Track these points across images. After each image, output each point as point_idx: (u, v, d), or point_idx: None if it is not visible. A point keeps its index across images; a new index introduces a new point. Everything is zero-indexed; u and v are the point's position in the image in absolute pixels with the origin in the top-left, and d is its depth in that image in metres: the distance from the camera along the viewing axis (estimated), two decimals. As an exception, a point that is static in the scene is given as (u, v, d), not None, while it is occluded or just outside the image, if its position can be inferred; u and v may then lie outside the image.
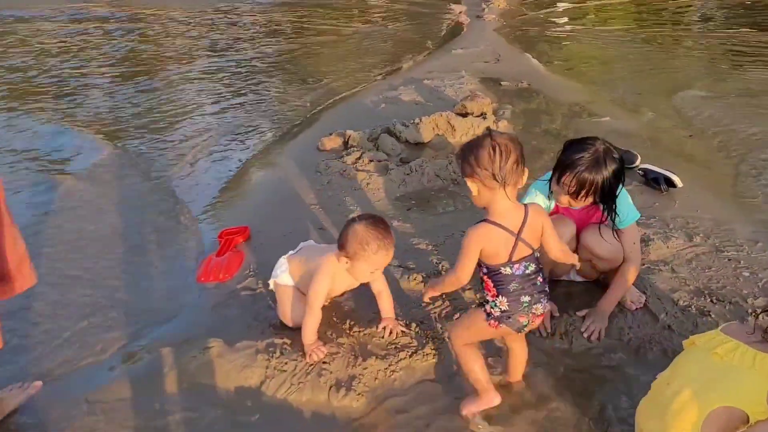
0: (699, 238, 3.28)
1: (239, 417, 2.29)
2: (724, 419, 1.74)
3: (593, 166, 2.39)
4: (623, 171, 2.48)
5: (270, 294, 2.96)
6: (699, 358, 1.90)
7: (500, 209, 2.03)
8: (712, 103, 5.49)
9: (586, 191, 2.46)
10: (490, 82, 6.20)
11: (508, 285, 2.06)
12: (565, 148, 2.53)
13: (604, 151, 2.41)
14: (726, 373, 1.79)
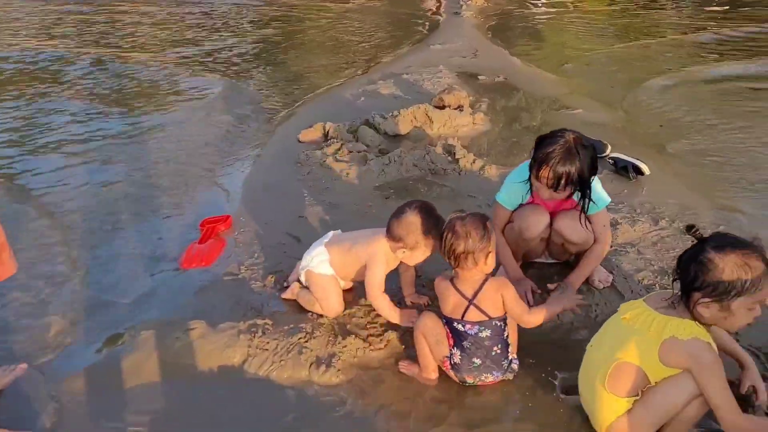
0: (664, 222, 3.42)
1: (222, 394, 2.38)
2: (624, 374, 1.96)
3: (566, 157, 2.49)
4: (596, 158, 2.59)
5: (252, 278, 3.06)
6: (614, 322, 2.11)
7: (460, 275, 2.31)
8: (682, 92, 5.66)
9: (565, 182, 2.55)
10: (467, 76, 6.31)
11: (462, 341, 2.30)
12: (537, 144, 2.63)
13: (574, 141, 2.51)
14: (628, 334, 1.99)
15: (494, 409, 2.29)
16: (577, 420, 2.21)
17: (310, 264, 2.73)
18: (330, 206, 3.76)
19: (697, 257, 1.91)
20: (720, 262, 1.85)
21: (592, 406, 2.10)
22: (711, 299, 1.87)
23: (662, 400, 1.98)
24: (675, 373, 1.93)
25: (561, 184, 2.51)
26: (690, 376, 1.92)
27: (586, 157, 2.51)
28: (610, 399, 2.01)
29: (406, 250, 2.54)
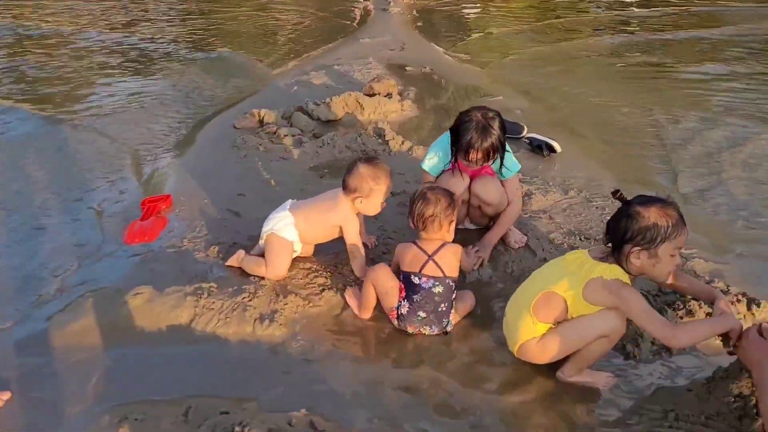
0: (573, 192, 3.80)
1: (171, 350, 2.55)
2: (550, 303, 2.29)
3: (483, 134, 2.82)
4: (503, 121, 2.92)
5: (195, 249, 3.22)
6: (554, 263, 2.43)
7: (423, 237, 2.70)
8: (592, 81, 6.15)
9: (493, 153, 2.89)
10: (395, 67, 6.60)
11: (413, 294, 2.58)
12: (453, 132, 2.95)
13: (483, 116, 2.84)
14: (563, 271, 2.31)
15: (426, 351, 2.57)
16: (499, 353, 2.52)
17: (274, 227, 2.93)
18: (267, 185, 3.95)
19: (627, 212, 2.21)
20: (646, 213, 2.17)
21: (513, 326, 2.41)
22: (641, 247, 2.17)
23: (573, 333, 2.30)
24: (590, 312, 2.26)
25: (490, 156, 2.85)
26: (601, 317, 2.24)
27: (496, 124, 2.83)
28: (530, 322, 2.32)
29: (362, 198, 2.84)
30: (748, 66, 6.61)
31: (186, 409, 2.19)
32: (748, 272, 3.07)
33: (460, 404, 2.31)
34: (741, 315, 2.65)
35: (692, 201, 3.81)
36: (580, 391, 2.38)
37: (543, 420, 2.25)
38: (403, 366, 2.50)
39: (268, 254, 2.93)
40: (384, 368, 2.49)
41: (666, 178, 4.11)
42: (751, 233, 3.48)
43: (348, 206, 2.90)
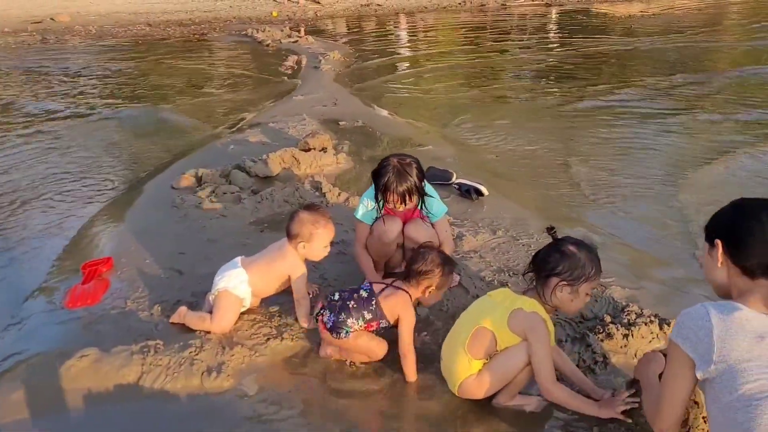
0: (501, 232, 4.07)
1: (120, 407, 2.59)
2: (481, 338, 2.47)
3: (400, 178, 3.04)
4: (421, 166, 3.16)
5: (139, 309, 3.27)
6: (480, 301, 2.65)
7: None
8: (513, 127, 6.57)
9: (409, 196, 3.11)
10: (329, 122, 6.86)
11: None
12: (374, 177, 3.18)
13: (399, 162, 3.08)
14: (490, 307, 2.52)
15: (370, 387, 2.70)
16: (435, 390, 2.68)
17: (228, 284, 3.03)
18: (208, 242, 4.04)
19: (560, 249, 2.45)
20: (578, 253, 2.42)
21: (450, 367, 2.57)
22: (566, 282, 2.40)
23: (504, 365, 2.48)
24: (517, 342, 2.46)
25: (407, 198, 3.06)
26: (524, 347, 2.46)
27: (413, 170, 3.07)
28: (466, 360, 2.49)
29: (305, 243, 3.00)
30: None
31: (137, 463, 2.24)
32: (659, 296, 3.37)
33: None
34: (654, 334, 2.92)
35: (607, 233, 4.14)
36: (514, 414, 2.55)
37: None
38: (349, 405, 2.62)
39: (217, 310, 3.02)
40: (331, 409, 2.59)
41: (581, 214, 4.45)
42: (662, 261, 3.82)
43: (294, 254, 3.05)
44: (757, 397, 1.72)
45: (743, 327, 1.80)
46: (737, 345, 1.78)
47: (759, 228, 1.89)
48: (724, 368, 1.78)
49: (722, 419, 1.81)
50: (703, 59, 10.57)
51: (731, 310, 1.85)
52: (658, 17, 14.93)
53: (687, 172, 5.23)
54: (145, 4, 17.43)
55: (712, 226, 2.05)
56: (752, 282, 1.90)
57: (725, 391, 1.79)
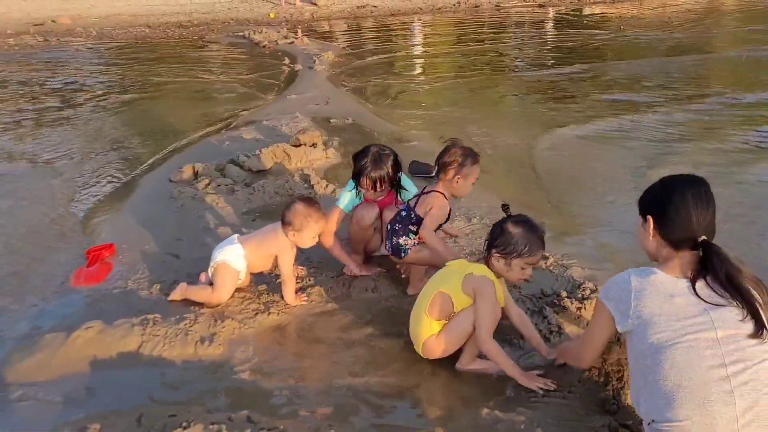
0: (476, 219, 4.38)
1: (122, 372, 2.89)
2: (440, 302, 2.79)
3: (375, 165, 3.36)
4: (398, 159, 3.47)
5: (139, 288, 3.58)
6: (441, 271, 2.96)
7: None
8: (495, 126, 6.88)
9: (380, 183, 3.42)
10: (321, 120, 7.15)
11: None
12: (353, 160, 3.49)
13: (378, 151, 3.39)
14: (446, 274, 2.85)
15: (345, 354, 3.01)
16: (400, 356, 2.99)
17: (226, 257, 3.34)
18: (203, 230, 4.35)
19: (501, 225, 2.78)
20: (512, 230, 2.73)
21: (414, 330, 2.89)
22: (500, 255, 2.74)
23: (459, 324, 2.80)
24: (470, 304, 2.77)
25: (377, 185, 3.36)
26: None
27: (389, 160, 3.37)
28: (428, 322, 2.81)
29: (295, 232, 3.28)
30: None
31: (138, 416, 2.53)
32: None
33: (380, 395, 2.74)
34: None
35: (575, 217, 4.46)
36: (475, 377, 2.85)
37: (447, 400, 2.72)
38: (328, 366, 2.94)
39: (216, 281, 3.34)
40: (310, 370, 2.91)
41: (551, 201, 4.77)
42: (622, 246, 4.13)
43: (284, 237, 3.35)
44: (663, 345, 2.03)
45: (657, 288, 2.12)
46: (650, 302, 2.10)
47: (683, 206, 2.18)
48: (638, 322, 2.10)
49: (636, 365, 2.13)
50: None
51: (648, 274, 2.16)
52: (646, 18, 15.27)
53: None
54: (144, 7, 17.74)
55: (644, 201, 2.35)
56: (675, 252, 2.20)
57: (638, 341, 2.10)
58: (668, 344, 2.02)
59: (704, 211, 2.17)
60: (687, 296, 2.07)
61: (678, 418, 1.94)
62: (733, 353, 1.96)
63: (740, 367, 1.94)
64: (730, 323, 2.01)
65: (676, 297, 2.08)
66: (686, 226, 2.17)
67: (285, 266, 3.39)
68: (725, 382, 1.92)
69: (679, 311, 2.05)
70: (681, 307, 2.05)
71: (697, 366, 1.96)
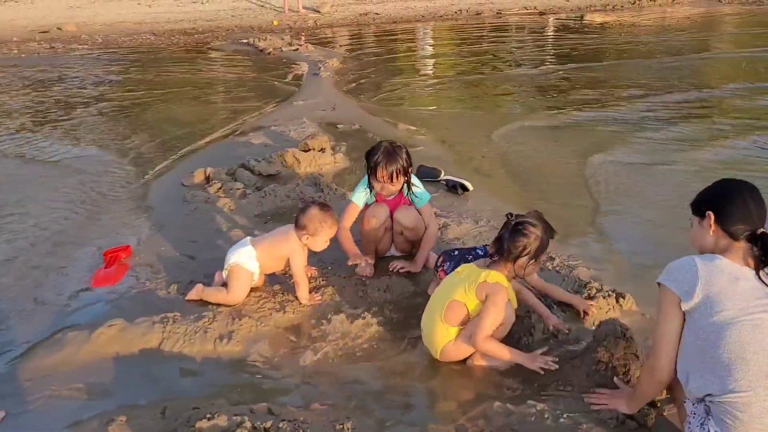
0: (483, 222, 4.48)
1: (145, 368, 2.99)
2: (455, 309, 2.89)
3: (390, 157, 3.48)
4: (409, 152, 3.60)
5: (157, 288, 3.68)
6: (450, 277, 3.07)
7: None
8: (496, 131, 7.01)
9: (396, 174, 3.54)
10: (328, 125, 7.27)
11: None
12: (366, 157, 3.61)
13: (390, 144, 3.52)
14: (458, 282, 2.94)
15: (358, 348, 3.11)
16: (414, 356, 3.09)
17: (239, 260, 3.44)
18: (217, 231, 4.45)
19: (521, 232, 2.86)
20: (535, 231, 2.86)
21: (429, 336, 2.98)
22: (531, 259, 2.86)
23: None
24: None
25: (394, 176, 3.49)
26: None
27: (402, 152, 3.50)
28: (444, 328, 2.91)
29: (308, 236, 3.38)
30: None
31: (163, 408, 2.64)
32: (619, 276, 3.79)
33: (395, 390, 2.84)
34: (611, 306, 3.33)
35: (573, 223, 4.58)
36: (487, 373, 2.95)
37: (460, 395, 2.82)
38: (342, 362, 3.04)
39: (231, 282, 3.44)
40: (325, 366, 3.01)
41: (553, 206, 4.88)
42: (620, 249, 4.24)
43: (296, 240, 3.45)
44: (728, 322, 2.16)
45: (722, 270, 2.24)
46: (716, 282, 2.22)
47: (742, 201, 2.32)
48: (704, 300, 2.21)
49: (694, 342, 2.23)
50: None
51: (712, 259, 2.30)
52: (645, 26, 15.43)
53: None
54: (149, 15, 17.90)
55: (701, 200, 2.46)
56: (733, 243, 2.32)
57: (701, 318, 2.21)
58: (734, 321, 2.15)
59: (761, 207, 2.32)
60: (751, 281, 2.22)
61: (741, 389, 2.08)
62: None
63: None
64: None
65: (741, 280, 2.23)
66: (747, 218, 2.30)
67: (297, 267, 3.48)
68: None
69: (744, 293, 2.18)
70: (746, 289, 2.19)
71: (762, 342, 2.10)
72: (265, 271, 3.58)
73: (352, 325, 3.31)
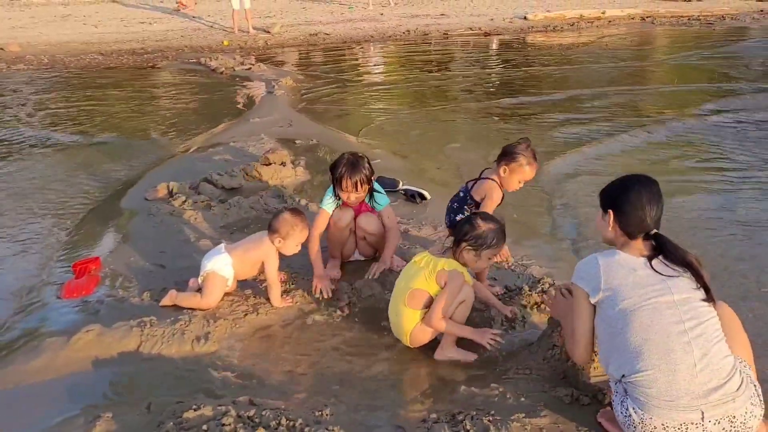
0: (441, 228, 4.72)
1: (125, 368, 3.09)
2: (417, 296, 3.12)
3: (352, 169, 3.70)
4: (370, 162, 3.83)
5: (130, 296, 3.77)
6: (408, 267, 3.30)
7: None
8: (450, 142, 7.33)
9: (360, 183, 3.75)
10: (286, 141, 7.42)
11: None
12: (331, 169, 3.83)
13: (352, 155, 3.74)
14: (417, 271, 3.17)
15: (329, 342, 3.29)
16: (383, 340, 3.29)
17: (215, 266, 3.57)
18: (185, 242, 4.56)
19: (470, 222, 3.13)
20: (482, 225, 3.10)
21: (397, 323, 3.20)
22: (471, 247, 3.09)
23: None
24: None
25: (358, 185, 3.70)
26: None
27: (364, 162, 3.74)
28: (410, 313, 3.12)
29: (281, 240, 3.54)
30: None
31: (148, 404, 2.74)
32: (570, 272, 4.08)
33: (367, 379, 3.03)
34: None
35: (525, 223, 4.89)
36: (452, 363, 3.18)
37: (428, 381, 3.03)
38: (317, 357, 3.22)
39: (206, 288, 3.57)
40: (301, 362, 3.18)
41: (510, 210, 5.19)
42: (569, 248, 4.57)
43: (270, 245, 3.61)
44: (630, 309, 2.44)
45: (621, 264, 2.53)
46: (617, 275, 2.51)
47: (639, 204, 2.56)
48: (609, 294, 2.49)
49: (606, 331, 2.51)
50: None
51: (612, 254, 2.59)
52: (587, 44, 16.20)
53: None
54: (96, 35, 17.67)
55: (605, 197, 2.72)
56: (631, 240, 2.61)
57: (608, 309, 2.49)
58: (635, 308, 2.43)
59: (656, 208, 2.58)
60: (646, 270, 2.49)
61: (646, 368, 2.34)
62: (688, 312, 2.40)
63: (695, 323, 2.38)
64: (684, 289, 2.45)
65: (638, 270, 2.51)
66: (641, 222, 2.58)
67: (271, 271, 3.65)
68: (684, 335, 2.35)
69: (641, 281, 2.46)
70: (642, 278, 2.47)
71: (660, 323, 2.38)
72: (239, 277, 3.72)
73: (324, 323, 3.49)
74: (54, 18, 19.68)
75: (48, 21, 19.26)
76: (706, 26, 19.14)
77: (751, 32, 18.19)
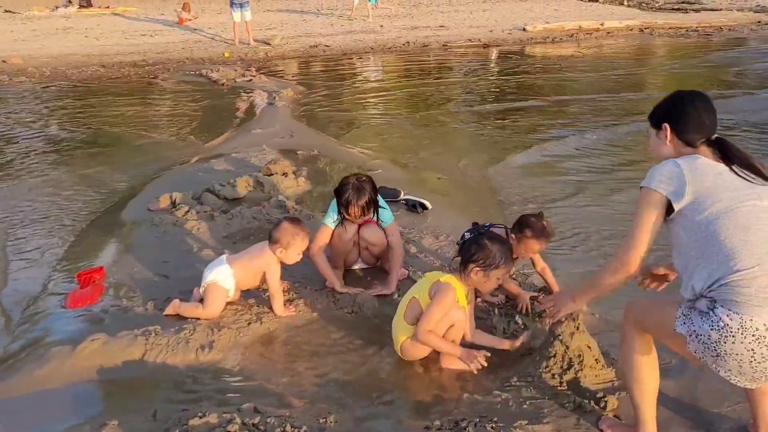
0: (442, 237, 4.77)
1: (131, 376, 3.12)
2: (413, 307, 3.14)
3: (358, 194, 3.74)
4: (375, 183, 3.85)
5: (134, 306, 3.80)
6: (419, 281, 3.30)
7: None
8: (450, 153, 7.38)
9: (367, 208, 3.79)
10: (287, 152, 7.47)
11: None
12: (336, 195, 3.86)
13: (357, 180, 3.78)
14: (421, 283, 3.21)
15: (330, 353, 3.31)
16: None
17: (216, 278, 3.60)
18: (188, 252, 4.59)
19: (478, 242, 3.12)
20: (491, 246, 3.10)
21: (395, 334, 3.22)
22: (480, 268, 3.08)
23: None
24: None
25: (365, 210, 3.74)
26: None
27: (369, 186, 3.77)
28: (404, 326, 3.15)
29: (282, 249, 3.56)
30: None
31: (153, 411, 2.77)
32: (570, 282, 4.12)
33: (372, 388, 3.06)
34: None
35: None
36: (456, 372, 3.20)
37: (432, 390, 3.05)
38: (321, 366, 3.25)
39: (207, 299, 3.60)
40: (305, 370, 3.20)
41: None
42: (577, 258, 4.60)
43: (271, 255, 3.64)
44: (724, 211, 2.30)
45: (705, 168, 2.41)
46: (704, 178, 2.38)
47: (694, 110, 2.51)
48: (695, 197, 2.35)
49: (693, 237, 2.34)
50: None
51: (694, 159, 2.45)
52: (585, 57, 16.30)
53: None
54: (98, 47, 17.77)
55: (657, 113, 2.63)
56: (695, 149, 2.51)
57: (696, 213, 2.34)
58: (730, 209, 2.29)
59: (712, 114, 2.52)
60: (731, 174, 2.37)
61: (746, 266, 2.20)
62: None
63: None
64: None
65: (723, 174, 2.38)
66: (700, 125, 2.51)
67: (273, 281, 3.67)
68: None
69: (730, 185, 2.34)
70: (730, 181, 2.35)
71: (757, 224, 2.26)
72: (241, 287, 3.75)
73: (327, 332, 3.52)
74: (56, 31, 19.79)
75: (50, 34, 19.39)
76: (704, 37, 19.25)
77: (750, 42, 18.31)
